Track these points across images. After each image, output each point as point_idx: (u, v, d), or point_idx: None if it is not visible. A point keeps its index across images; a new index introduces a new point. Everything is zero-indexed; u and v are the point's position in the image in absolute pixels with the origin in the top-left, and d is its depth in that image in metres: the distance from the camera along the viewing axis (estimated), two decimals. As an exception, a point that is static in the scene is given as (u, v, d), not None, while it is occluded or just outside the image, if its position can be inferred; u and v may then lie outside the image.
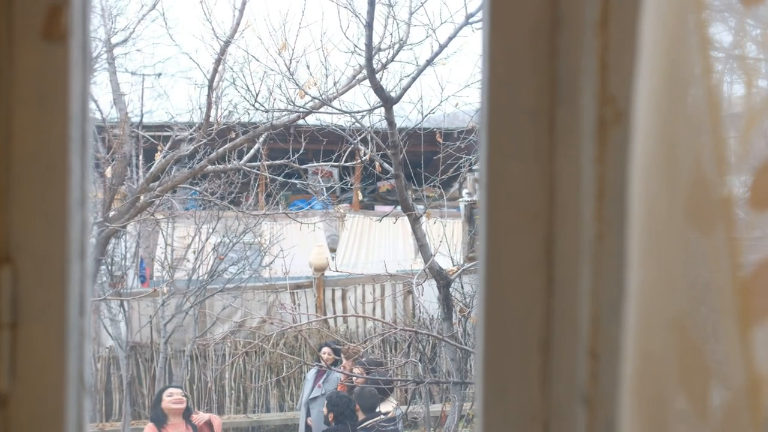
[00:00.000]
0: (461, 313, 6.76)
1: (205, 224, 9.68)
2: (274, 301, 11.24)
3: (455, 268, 6.65)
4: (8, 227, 0.86)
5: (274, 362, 10.62)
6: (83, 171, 0.87)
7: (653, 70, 0.70)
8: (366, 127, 7.16)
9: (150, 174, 7.04)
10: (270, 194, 10.04)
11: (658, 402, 0.61)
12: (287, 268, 10.31)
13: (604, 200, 0.76)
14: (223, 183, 8.68)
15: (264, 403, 11.14)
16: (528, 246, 0.79)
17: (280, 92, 7.57)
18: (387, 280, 10.47)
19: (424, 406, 6.73)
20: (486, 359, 0.80)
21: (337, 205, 13.90)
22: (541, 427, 0.79)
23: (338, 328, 11.02)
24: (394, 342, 9.25)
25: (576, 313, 0.77)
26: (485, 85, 0.80)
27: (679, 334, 0.63)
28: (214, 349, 10.63)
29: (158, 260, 10.58)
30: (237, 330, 10.83)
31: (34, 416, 0.87)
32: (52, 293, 0.86)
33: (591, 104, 0.76)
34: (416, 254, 10.73)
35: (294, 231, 10.75)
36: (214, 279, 10.02)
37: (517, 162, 0.79)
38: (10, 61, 0.85)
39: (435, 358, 9.46)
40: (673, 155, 0.67)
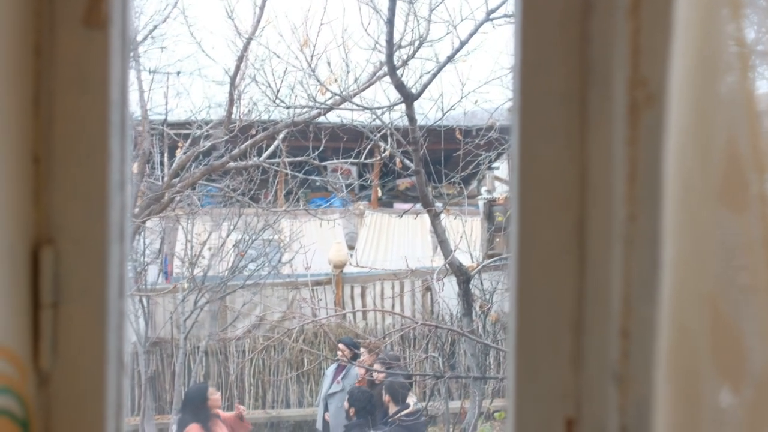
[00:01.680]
0: (481, 309, 6.76)
1: (226, 221, 9.73)
2: (294, 298, 11.28)
3: (475, 264, 6.66)
4: (50, 209, 0.88)
5: (294, 358, 10.66)
6: (122, 155, 0.89)
7: (687, 52, 0.71)
8: (386, 123, 7.17)
9: (172, 170, 7.09)
10: (290, 191, 10.07)
11: (692, 376, 0.62)
12: (307, 263, 10.34)
13: (636, 182, 0.77)
14: (244, 180, 8.72)
15: (284, 398, 11.18)
16: (560, 228, 0.80)
17: (301, 89, 7.61)
18: (406, 277, 10.48)
19: (443, 402, 6.73)
20: (518, 338, 0.81)
21: (356, 203, 13.92)
22: (573, 406, 0.80)
23: (357, 324, 11.03)
24: (413, 338, 9.25)
25: (608, 293, 0.79)
26: (517, 70, 0.81)
27: (712, 311, 0.64)
28: (234, 345, 10.67)
29: (178, 256, 10.65)
30: (256, 326, 10.88)
31: (74, 394, 0.89)
32: (92, 274, 0.88)
33: (622, 87, 0.77)
34: (435, 251, 10.73)
35: (313, 228, 10.79)
36: (234, 275, 10.06)
37: (548, 145, 0.80)
38: (52, 48, 0.87)
39: (454, 354, 9.46)
40: (706, 136, 0.68)
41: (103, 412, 0.89)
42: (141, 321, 9.36)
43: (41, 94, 0.88)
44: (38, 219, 0.88)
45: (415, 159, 5.88)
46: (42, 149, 0.88)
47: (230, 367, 10.97)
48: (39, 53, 0.88)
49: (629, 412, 0.78)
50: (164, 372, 10.90)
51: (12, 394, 0.85)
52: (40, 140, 0.88)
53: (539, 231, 0.80)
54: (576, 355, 0.80)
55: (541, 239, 0.81)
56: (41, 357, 0.88)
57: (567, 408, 0.80)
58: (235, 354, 10.83)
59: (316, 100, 7.25)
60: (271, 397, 11.10)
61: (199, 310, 9.58)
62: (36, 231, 0.88)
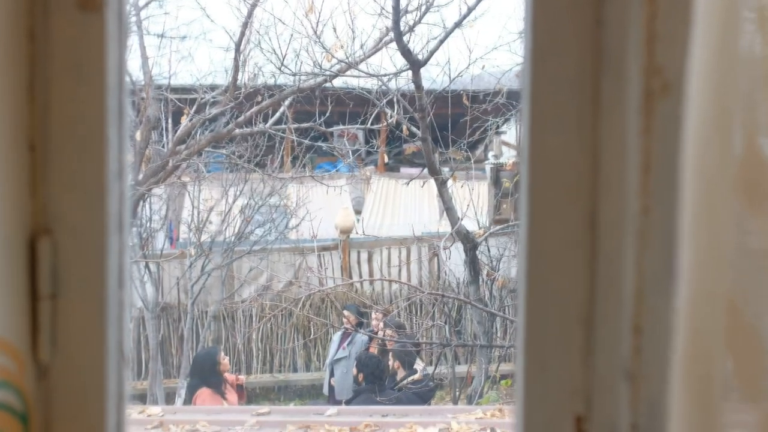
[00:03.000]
0: (488, 276, 6.76)
1: (232, 187, 9.70)
2: (301, 264, 11.30)
3: (481, 231, 6.64)
4: (46, 199, 0.86)
5: (301, 324, 10.71)
6: (120, 143, 0.87)
7: (707, 41, 0.68)
8: (392, 90, 7.11)
9: (177, 137, 7.05)
10: (296, 157, 10.04)
11: (708, 385, 0.60)
12: (314, 230, 10.34)
13: (650, 174, 0.74)
14: (250, 146, 8.68)
15: (291, 363, 11.24)
16: (571, 220, 0.78)
17: (307, 55, 7.53)
18: (413, 243, 10.49)
19: (450, 367, 6.76)
20: (527, 332, 0.79)
21: (363, 168, 13.88)
22: (582, 402, 0.79)
23: (364, 291, 11.05)
24: (419, 304, 9.27)
25: (620, 288, 0.76)
26: (527, 55, 0.78)
27: (730, 311, 0.61)
28: (242, 311, 10.71)
29: (185, 222, 10.65)
30: (264, 291, 10.91)
31: (74, 387, 0.88)
32: (90, 265, 0.86)
33: (637, 75, 0.74)
34: (441, 216, 10.71)
35: (320, 193, 10.77)
36: (241, 241, 10.07)
37: (559, 134, 0.77)
38: (47, 32, 0.85)
39: (461, 320, 9.49)
40: (725, 130, 0.65)
41: (104, 404, 0.88)
42: (148, 286, 9.37)
43: (36, 80, 0.85)
44: (35, 209, 0.86)
45: (422, 126, 5.83)
46: (38, 136, 0.86)
47: (237, 332, 11.02)
48: (33, 38, 0.85)
49: (640, 409, 0.76)
50: (171, 337, 10.97)
51: (11, 388, 0.84)
52: (36, 127, 0.86)
53: (550, 223, 0.78)
54: (586, 351, 0.78)
55: (552, 231, 0.78)
56: (40, 349, 0.86)
57: (576, 405, 0.79)
58: (242, 319, 10.88)
59: (322, 67, 7.19)
60: (278, 361, 11.16)
61: (206, 276, 9.60)
62: (33, 221, 0.86)
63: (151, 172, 6.86)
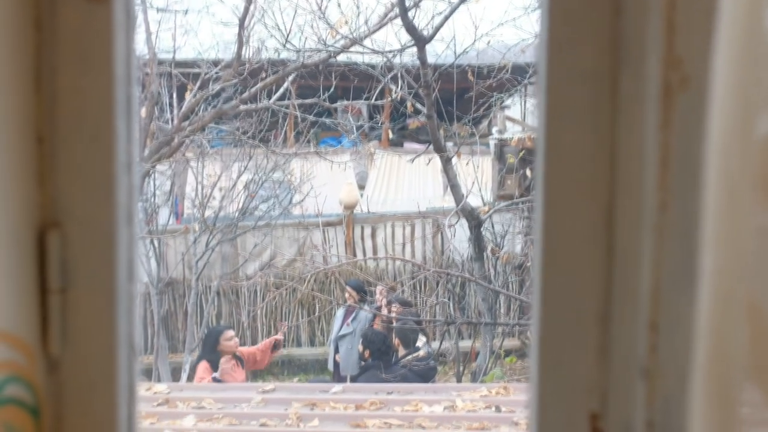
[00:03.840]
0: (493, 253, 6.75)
1: (236, 162, 9.68)
2: (305, 239, 11.31)
3: (486, 208, 6.62)
4: (55, 191, 0.85)
5: (305, 299, 10.74)
6: (129, 135, 0.86)
7: (730, 33, 0.66)
8: (397, 65, 7.06)
9: (181, 114, 7.02)
10: (300, 132, 10.00)
11: (730, 391, 0.59)
12: (318, 206, 10.33)
13: (669, 169, 0.73)
14: (254, 122, 8.65)
15: (295, 338, 11.29)
16: (587, 216, 0.77)
17: (311, 31, 7.48)
18: (417, 218, 10.48)
19: (454, 343, 6.77)
20: (543, 329, 0.78)
21: (367, 143, 13.84)
22: (598, 399, 0.78)
23: (368, 266, 11.07)
24: (424, 280, 9.28)
25: (636, 285, 0.75)
26: (543, 46, 0.77)
27: (754, 320, 0.60)
28: (246, 286, 10.74)
29: (189, 197, 10.64)
30: (268, 267, 10.93)
31: (85, 380, 0.87)
32: (100, 258, 0.86)
33: (656, 67, 0.73)
34: (445, 191, 10.69)
35: (324, 169, 10.75)
36: (245, 216, 10.07)
37: (576, 128, 0.76)
38: (53, 22, 0.83)
39: (465, 296, 9.50)
40: (749, 125, 0.64)
41: (115, 396, 0.87)
42: (153, 262, 9.39)
43: (43, 71, 0.84)
44: (43, 202, 0.85)
45: (427, 103, 5.80)
46: (46, 128, 0.85)
47: (242, 307, 11.06)
48: (39, 28, 0.84)
49: (656, 407, 0.75)
50: (176, 312, 11.01)
51: (21, 382, 0.84)
52: (44, 119, 0.84)
53: (566, 219, 0.77)
54: (602, 348, 0.77)
55: (568, 227, 0.77)
56: (50, 343, 0.86)
57: (592, 402, 0.78)
58: (247, 294, 10.91)
59: (326, 43, 7.13)
60: (283, 336, 11.20)
61: (210, 251, 9.61)
62: (41, 214, 0.85)
63: (155, 148, 6.84)
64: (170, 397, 3.96)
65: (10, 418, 0.82)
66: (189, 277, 10.33)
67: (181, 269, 10.66)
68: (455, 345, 6.58)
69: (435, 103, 5.99)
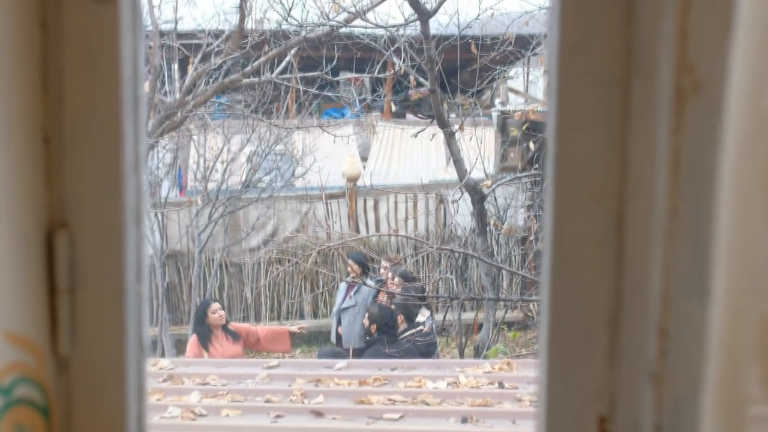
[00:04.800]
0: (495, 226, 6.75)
1: (239, 134, 9.67)
2: (308, 212, 11.32)
3: (489, 182, 6.62)
4: (63, 192, 0.85)
5: (309, 272, 10.77)
6: (136, 135, 0.85)
7: (747, 41, 0.65)
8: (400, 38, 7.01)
9: (185, 87, 6.99)
10: (302, 104, 9.97)
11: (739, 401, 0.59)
12: (321, 178, 10.33)
13: (680, 174, 0.73)
14: (257, 95, 8.61)
15: (298, 310, 11.34)
16: (597, 220, 0.76)
17: (314, 4, 7.41)
18: (420, 191, 10.48)
19: (456, 317, 6.80)
20: (551, 333, 0.78)
21: (369, 114, 13.80)
22: (606, 402, 0.78)
23: (371, 239, 11.09)
24: (427, 255, 9.30)
25: (646, 290, 0.75)
26: (554, 50, 0.76)
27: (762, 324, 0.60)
28: (249, 258, 10.77)
29: (191, 170, 10.64)
30: (271, 240, 10.96)
31: (95, 379, 0.88)
32: (108, 258, 0.86)
33: (668, 73, 0.72)
34: (448, 163, 10.68)
35: (327, 141, 10.74)
36: (248, 189, 10.08)
37: (587, 132, 0.76)
38: (59, 22, 0.83)
39: (468, 268, 9.52)
40: (761, 138, 0.64)
41: (125, 396, 0.88)
42: (156, 235, 9.42)
43: (49, 72, 0.84)
44: (51, 202, 0.85)
45: (430, 77, 5.76)
46: (52, 129, 0.84)
47: (246, 280, 11.10)
48: (45, 28, 0.83)
49: (665, 411, 0.75)
50: (180, 284, 11.06)
51: (31, 383, 0.84)
52: (50, 119, 0.84)
53: (575, 223, 0.77)
54: (611, 352, 0.77)
55: (578, 231, 0.77)
56: (59, 343, 0.86)
57: (600, 405, 0.78)
58: (249, 267, 10.94)
59: (329, 17, 7.08)
60: (286, 308, 11.26)
61: (213, 224, 9.64)
62: (49, 215, 0.85)
63: (158, 122, 6.82)
64: (175, 372, 3.99)
65: (20, 418, 0.83)
66: (192, 250, 10.37)
67: (184, 242, 10.69)
68: (458, 320, 6.61)
69: (438, 76, 5.95)
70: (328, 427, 3.18)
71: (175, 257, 10.84)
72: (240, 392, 3.65)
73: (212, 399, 3.57)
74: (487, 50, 7.78)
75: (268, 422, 3.26)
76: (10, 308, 0.81)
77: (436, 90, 5.75)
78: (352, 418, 3.30)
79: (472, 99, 8.28)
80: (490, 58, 7.77)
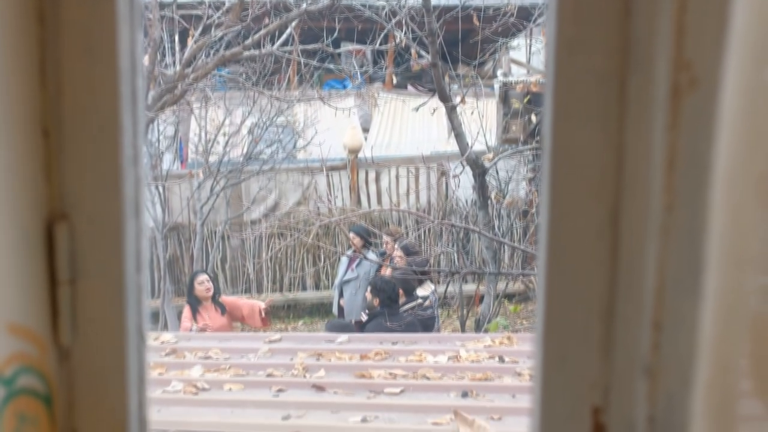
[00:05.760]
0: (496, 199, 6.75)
1: (240, 107, 9.65)
2: (309, 184, 11.32)
3: (491, 155, 6.60)
4: (62, 184, 0.86)
5: (310, 245, 10.79)
6: (135, 128, 0.86)
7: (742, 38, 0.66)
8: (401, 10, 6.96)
9: (184, 60, 6.96)
10: (303, 77, 9.92)
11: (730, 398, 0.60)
12: (321, 150, 10.31)
13: (675, 170, 0.73)
14: (258, 67, 8.57)
15: (300, 282, 11.38)
16: (593, 215, 0.77)
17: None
18: (421, 163, 10.46)
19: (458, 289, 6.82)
20: (546, 326, 0.79)
21: (371, 85, 13.75)
22: (600, 395, 0.79)
23: (372, 210, 11.08)
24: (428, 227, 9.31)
25: (641, 284, 0.76)
26: (552, 46, 0.76)
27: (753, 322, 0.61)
28: (251, 230, 10.79)
29: (192, 143, 10.63)
30: (272, 212, 10.97)
31: (96, 368, 0.89)
32: (108, 250, 0.86)
33: (665, 69, 0.72)
34: (450, 135, 10.66)
35: (328, 113, 10.71)
36: (249, 161, 10.07)
37: (584, 128, 0.76)
38: (56, 15, 0.83)
39: (469, 240, 9.54)
40: (757, 136, 0.64)
41: (126, 384, 0.89)
42: (158, 207, 9.43)
43: (47, 65, 0.84)
44: (51, 195, 0.86)
45: (432, 51, 5.73)
46: (51, 122, 0.85)
47: (248, 253, 11.13)
48: (42, 21, 0.83)
49: (658, 403, 0.76)
50: (182, 256, 11.10)
51: (33, 372, 0.85)
52: (49, 112, 0.84)
53: (571, 217, 0.77)
54: (606, 345, 0.78)
55: (574, 226, 0.77)
56: (61, 333, 0.87)
57: (594, 397, 0.79)
58: (251, 239, 10.96)
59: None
60: (288, 280, 11.31)
61: (215, 197, 9.65)
62: (49, 207, 0.86)
63: (158, 96, 6.80)
64: (177, 347, 4.02)
65: (23, 407, 0.84)
66: (194, 222, 10.39)
67: (185, 214, 10.71)
68: (459, 292, 6.63)
69: (439, 49, 5.92)
70: (329, 401, 3.21)
71: (177, 229, 10.87)
72: (242, 366, 3.68)
73: (215, 373, 3.59)
74: (489, 21, 7.74)
75: (270, 396, 3.29)
76: (12, 299, 0.82)
77: (438, 63, 5.71)
78: (353, 392, 3.33)
79: (473, 71, 8.24)
80: (492, 30, 7.73)
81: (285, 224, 10.03)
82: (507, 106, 11.58)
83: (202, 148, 9.65)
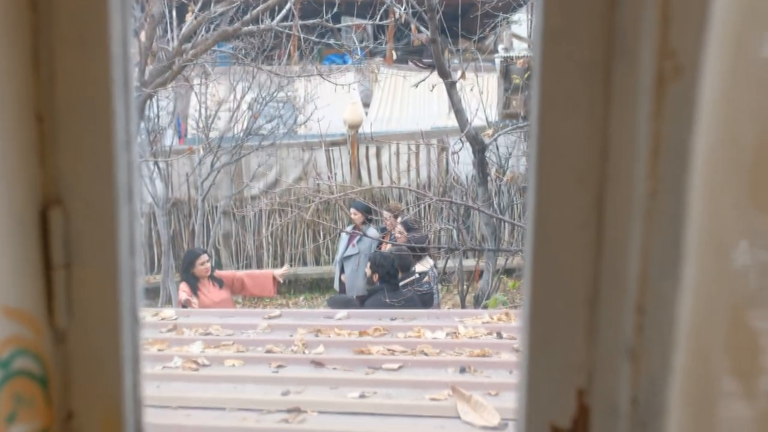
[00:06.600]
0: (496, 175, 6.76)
1: (240, 82, 9.62)
2: (310, 159, 11.32)
3: (491, 131, 6.60)
4: (56, 170, 0.87)
5: (311, 221, 10.81)
6: (127, 113, 0.87)
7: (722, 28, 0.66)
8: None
9: (182, 36, 6.93)
10: (303, 52, 9.88)
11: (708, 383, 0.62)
12: (321, 126, 10.29)
13: (659, 157, 0.74)
14: (257, 43, 8.54)
15: (300, 257, 11.41)
16: (578, 201, 0.78)
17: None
18: (422, 138, 10.46)
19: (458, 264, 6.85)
20: (532, 310, 0.81)
21: (371, 60, 13.70)
22: (585, 378, 0.81)
23: (373, 186, 11.10)
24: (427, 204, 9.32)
25: (625, 269, 0.77)
26: (539, 34, 0.77)
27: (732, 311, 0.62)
28: (251, 206, 10.80)
29: (192, 118, 10.62)
30: (273, 188, 10.98)
31: (91, 351, 0.90)
32: (102, 234, 0.88)
33: (650, 58, 0.73)
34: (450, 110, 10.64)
35: (328, 89, 10.68)
36: (250, 137, 10.06)
37: (569, 116, 0.77)
38: (50, 3, 0.84)
39: (469, 216, 9.56)
40: (736, 120, 0.65)
41: (120, 365, 0.91)
42: (158, 183, 9.43)
43: (41, 51, 0.85)
44: (45, 180, 0.87)
45: (432, 27, 5.70)
46: (45, 107, 0.86)
47: (248, 228, 11.15)
48: (35, 8, 0.84)
49: (641, 385, 0.78)
50: (182, 232, 11.12)
51: (29, 355, 0.87)
52: (43, 98, 0.85)
53: (557, 204, 0.78)
54: (590, 329, 0.80)
55: (560, 212, 0.79)
56: (56, 317, 0.89)
57: (579, 379, 0.81)
58: (252, 214, 10.98)
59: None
60: (289, 256, 11.33)
61: (216, 172, 9.65)
62: (44, 192, 0.87)
63: (156, 72, 6.78)
64: (177, 323, 4.04)
65: (19, 389, 0.86)
66: (194, 197, 10.40)
67: (184, 189, 10.72)
68: (459, 268, 6.65)
69: (439, 25, 5.90)
70: (328, 377, 3.24)
71: (177, 205, 10.88)
72: (241, 342, 3.71)
73: (215, 349, 3.62)
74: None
75: (269, 372, 3.31)
76: (8, 283, 0.84)
77: (437, 39, 5.69)
78: (351, 368, 3.36)
79: (474, 46, 8.21)
80: (493, 5, 7.69)
81: (285, 200, 10.03)
82: (508, 81, 11.55)
83: (203, 124, 9.64)
